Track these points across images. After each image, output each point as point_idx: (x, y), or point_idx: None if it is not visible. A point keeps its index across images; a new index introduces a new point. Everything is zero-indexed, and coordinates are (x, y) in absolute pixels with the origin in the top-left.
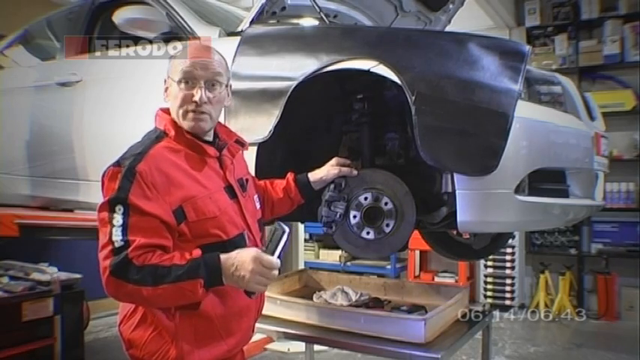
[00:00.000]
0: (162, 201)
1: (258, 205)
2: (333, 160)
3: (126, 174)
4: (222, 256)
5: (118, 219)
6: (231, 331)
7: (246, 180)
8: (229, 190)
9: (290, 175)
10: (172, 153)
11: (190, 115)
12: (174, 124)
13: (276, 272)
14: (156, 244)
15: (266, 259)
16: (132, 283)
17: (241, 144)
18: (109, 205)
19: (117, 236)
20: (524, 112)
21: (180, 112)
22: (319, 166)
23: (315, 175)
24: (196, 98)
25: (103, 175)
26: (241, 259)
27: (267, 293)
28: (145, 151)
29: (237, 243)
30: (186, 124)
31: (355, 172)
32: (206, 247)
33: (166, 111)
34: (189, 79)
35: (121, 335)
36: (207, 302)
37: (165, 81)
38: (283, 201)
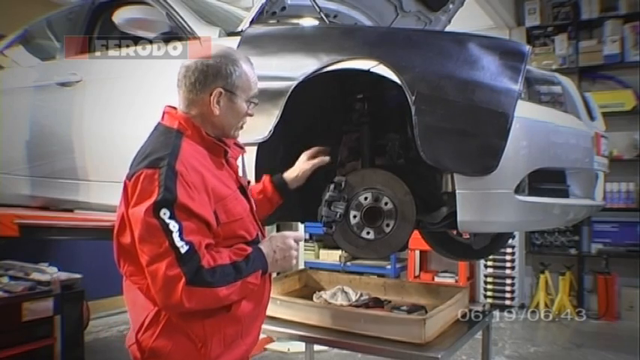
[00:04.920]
0: (204, 202)
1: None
2: (303, 155)
3: (167, 174)
4: (260, 246)
5: (173, 224)
6: (250, 331)
7: (248, 182)
8: (242, 190)
9: (266, 178)
10: (197, 153)
11: (240, 128)
12: (190, 122)
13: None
14: (208, 243)
15: (298, 235)
16: (209, 287)
17: (240, 147)
18: (157, 209)
19: (179, 242)
20: (524, 112)
21: (236, 125)
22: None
23: (289, 175)
24: (252, 113)
25: (132, 179)
26: (278, 242)
27: None
28: (176, 151)
29: (257, 243)
30: (232, 134)
31: (327, 159)
32: None
33: (174, 108)
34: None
35: (139, 345)
36: (238, 303)
37: (220, 92)
38: (262, 203)
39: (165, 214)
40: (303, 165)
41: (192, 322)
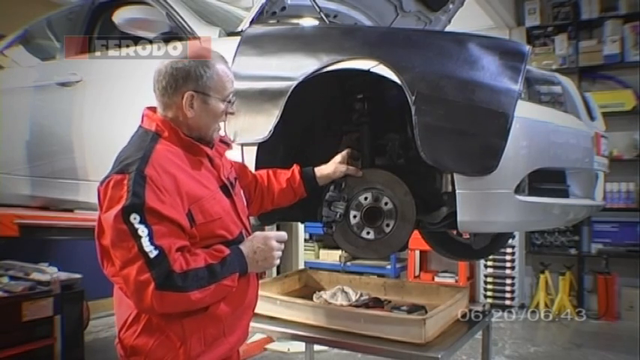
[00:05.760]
0: (176, 204)
1: (245, 202)
2: (339, 157)
3: (136, 179)
4: (241, 246)
5: (142, 229)
6: (233, 330)
7: (235, 179)
8: (224, 189)
9: (296, 168)
10: (172, 154)
11: (219, 128)
12: (167, 124)
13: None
14: (182, 245)
15: (280, 235)
16: (180, 291)
17: (226, 144)
18: (125, 214)
19: (148, 247)
20: (525, 112)
21: (214, 126)
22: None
23: (321, 171)
24: (233, 111)
25: (103, 185)
26: (259, 243)
27: (267, 293)
28: (147, 155)
29: (239, 242)
30: (211, 134)
31: (360, 173)
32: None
33: (153, 110)
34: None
35: (122, 343)
36: (217, 304)
37: (192, 95)
38: (285, 192)
39: (135, 219)
40: (338, 167)
41: (172, 321)
